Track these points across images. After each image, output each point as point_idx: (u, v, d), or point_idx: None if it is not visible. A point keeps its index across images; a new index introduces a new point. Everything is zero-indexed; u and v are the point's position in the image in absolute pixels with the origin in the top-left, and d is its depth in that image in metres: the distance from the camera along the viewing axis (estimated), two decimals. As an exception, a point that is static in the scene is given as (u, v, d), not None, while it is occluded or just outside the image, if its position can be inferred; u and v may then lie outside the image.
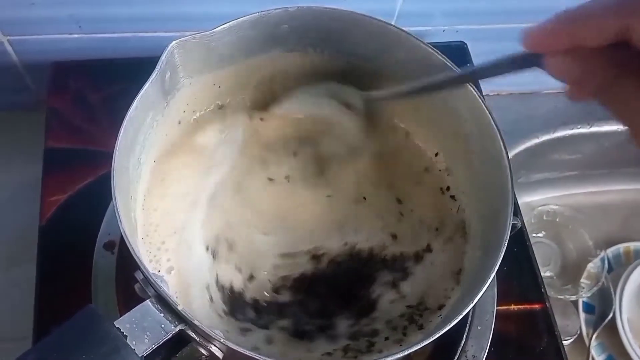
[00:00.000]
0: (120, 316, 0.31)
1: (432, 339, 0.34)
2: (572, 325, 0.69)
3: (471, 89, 0.40)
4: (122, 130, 0.35)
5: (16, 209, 0.61)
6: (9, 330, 0.55)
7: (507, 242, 0.36)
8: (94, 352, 0.28)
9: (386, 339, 0.41)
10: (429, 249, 0.45)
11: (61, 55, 0.60)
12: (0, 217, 0.61)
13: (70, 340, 0.29)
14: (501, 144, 0.38)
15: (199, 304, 0.41)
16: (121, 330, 0.30)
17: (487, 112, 0.39)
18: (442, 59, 0.40)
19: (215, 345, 0.33)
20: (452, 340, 0.49)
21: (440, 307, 0.42)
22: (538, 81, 0.75)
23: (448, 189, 0.47)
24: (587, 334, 0.69)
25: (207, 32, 0.39)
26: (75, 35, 0.59)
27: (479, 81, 0.63)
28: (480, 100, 0.40)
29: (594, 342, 0.68)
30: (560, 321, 0.54)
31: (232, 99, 0.47)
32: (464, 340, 0.49)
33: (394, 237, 0.47)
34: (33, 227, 0.52)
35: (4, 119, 0.66)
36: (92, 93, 0.59)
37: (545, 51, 0.28)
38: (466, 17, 0.64)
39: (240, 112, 0.47)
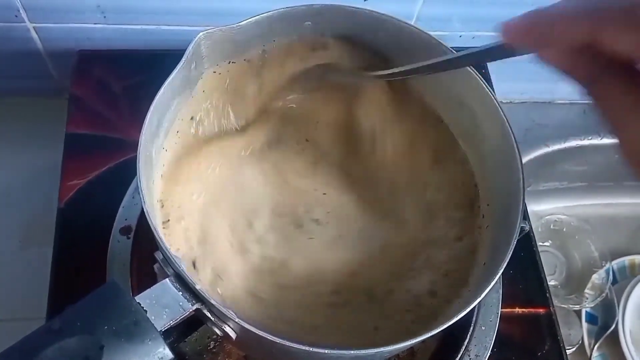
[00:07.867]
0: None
1: (436, 331, 0.35)
2: (574, 334, 0.69)
3: (486, 88, 0.40)
4: (149, 114, 0.35)
5: (35, 191, 0.62)
6: (23, 309, 0.56)
7: (515, 241, 0.36)
8: (116, 323, 0.29)
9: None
10: None
11: (85, 44, 0.61)
12: (18, 199, 0.62)
13: (94, 311, 0.30)
14: (514, 142, 0.38)
15: None
16: (141, 305, 0.31)
17: (500, 110, 0.40)
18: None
19: (229, 326, 0.34)
20: (456, 339, 0.49)
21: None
22: (551, 90, 0.76)
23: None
24: (589, 344, 0.69)
25: (234, 25, 0.40)
26: (100, 25, 0.60)
27: (493, 84, 0.64)
28: (493, 98, 0.40)
29: (595, 353, 0.68)
30: (562, 330, 0.54)
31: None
32: (467, 340, 0.49)
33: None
34: (50, 210, 0.53)
35: (26, 105, 0.67)
36: (114, 82, 0.60)
37: (523, 46, 0.28)
38: (483, 24, 0.64)
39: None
